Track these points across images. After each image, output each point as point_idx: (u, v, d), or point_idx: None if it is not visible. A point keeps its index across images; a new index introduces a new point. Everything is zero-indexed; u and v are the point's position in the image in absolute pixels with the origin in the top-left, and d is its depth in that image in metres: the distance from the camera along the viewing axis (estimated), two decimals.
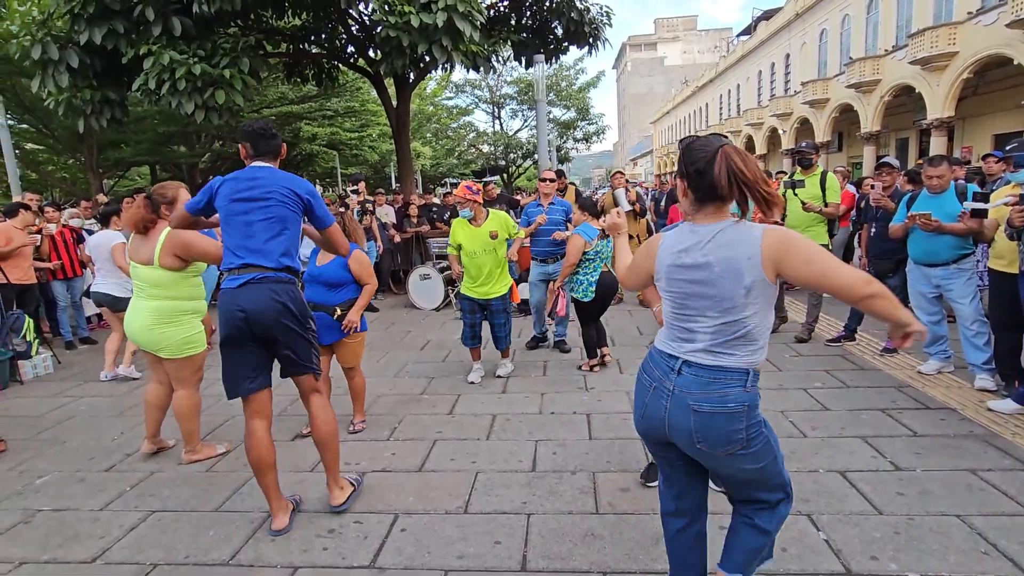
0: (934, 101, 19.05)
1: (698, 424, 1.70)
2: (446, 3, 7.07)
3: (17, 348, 5.37)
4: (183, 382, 3.42)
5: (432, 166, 30.93)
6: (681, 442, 1.77)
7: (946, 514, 2.60)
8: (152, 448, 3.60)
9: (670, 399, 1.74)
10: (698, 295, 1.69)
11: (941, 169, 4.16)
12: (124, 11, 7.53)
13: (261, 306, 2.54)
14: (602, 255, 4.73)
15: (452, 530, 2.67)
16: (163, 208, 3.36)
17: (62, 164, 20.87)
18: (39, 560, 2.57)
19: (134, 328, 3.37)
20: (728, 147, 1.63)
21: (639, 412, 1.86)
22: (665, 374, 1.77)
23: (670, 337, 1.81)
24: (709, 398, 1.69)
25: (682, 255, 1.71)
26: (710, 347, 1.70)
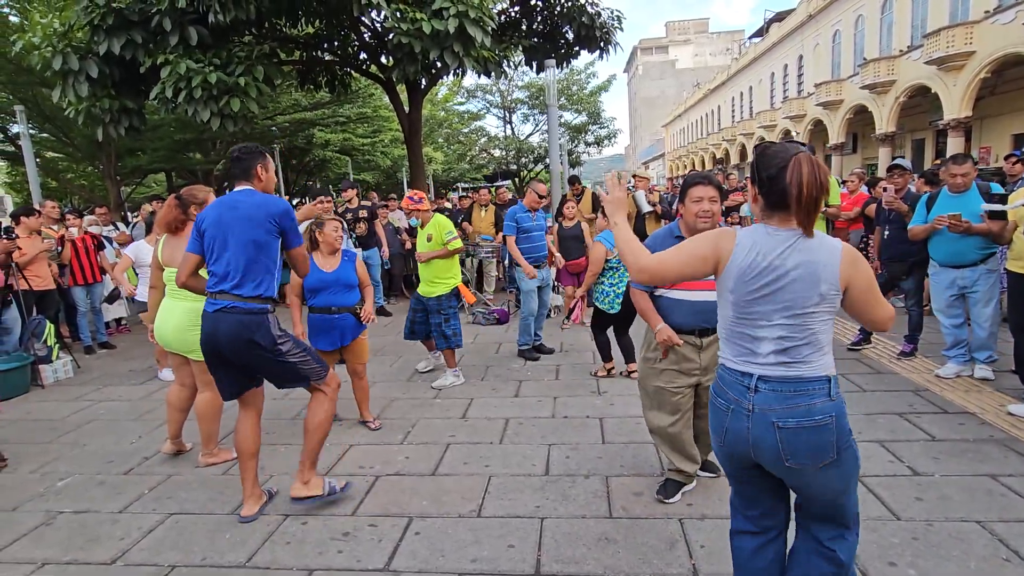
0: (951, 101, 18.81)
1: (785, 441, 1.61)
2: (457, 9, 7.11)
3: (38, 353, 5.46)
4: (208, 384, 3.42)
5: (444, 171, 31.08)
6: (768, 462, 1.68)
7: (966, 520, 2.57)
8: (173, 449, 3.67)
9: (751, 419, 1.65)
10: (767, 299, 1.62)
11: (966, 167, 4.10)
12: (142, 22, 7.68)
13: (232, 338, 2.64)
14: None
15: (466, 534, 2.68)
16: (192, 208, 3.39)
17: (81, 172, 21.29)
18: (61, 561, 2.62)
19: (166, 329, 3.41)
20: (803, 155, 1.57)
21: (719, 438, 1.76)
22: (741, 394, 1.68)
23: (735, 352, 1.71)
24: (794, 413, 1.60)
25: (759, 257, 1.61)
26: (781, 357, 1.63)
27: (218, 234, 2.65)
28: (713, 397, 1.78)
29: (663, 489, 2.88)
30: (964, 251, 4.10)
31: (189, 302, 3.35)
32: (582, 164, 32.32)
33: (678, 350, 2.75)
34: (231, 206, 2.66)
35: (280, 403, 4.63)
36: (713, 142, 44.62)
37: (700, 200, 2.64)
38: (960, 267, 4.16)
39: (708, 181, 2.67)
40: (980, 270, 4.10)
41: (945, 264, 4.25)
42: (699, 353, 2.76)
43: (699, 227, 2.62)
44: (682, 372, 2.78)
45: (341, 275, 3.74)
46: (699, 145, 49.14)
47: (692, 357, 2.76)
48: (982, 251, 4.08)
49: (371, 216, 7.94)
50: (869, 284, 1.62)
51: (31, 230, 5.81)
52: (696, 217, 2.64)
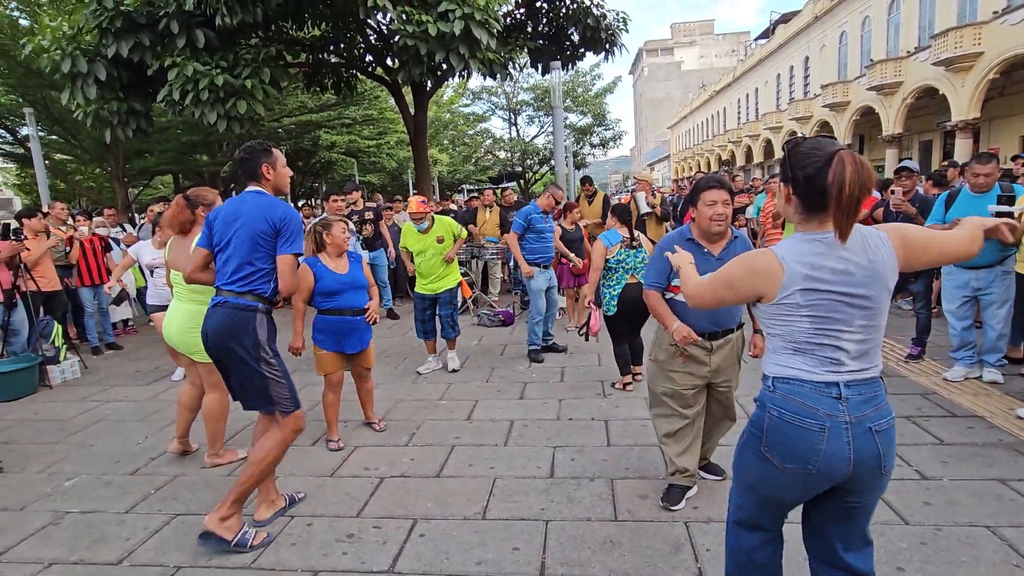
0: (959, 102, 18.70)
1: (884, 445, 1.54)
2: (463, 12, 7.12)
3: (46, 353, 5.50)
4: (216, 386, 3.45)
5: (449, 172, 31.13)
6: (865, 475, 1.55)
7: (975, 525, 2.54)
8: (179, 449, 3.69)
9: (850, 431, 1.52)
10: (846, 303, 1.52)
11: (990, 167, 4.05)
12: (150, 24, 7.72)
13: (217, 331, 2.64)
14: (625, 265, 4.43)
15: (470, 536, 2.67)
16: (200, 209, 3.39)
17: (89, 173, 21.43)
18: (68, 561, 2.63)
19: (171, 330, 3.44)
20: (845, 152, 1.47)
21: (805, 464, 1.55)
22: (831, 407, 1.53)
23: (814, 363, 1.56)
24: (880, 412, 1.56)
25: (821, 262, 1.51)
26: (861, 362, 1.56)
27: (225, 231, 2.68)
28: (795, 418, 1.56)
29: (667, 496, 2.84)
30: (981, 251, 4.06)
31: (191, 304, 3.37)
32: (587, 166, 32.31)
33: (690, 354, 2.74)
34: (238, 205, 2.70)
35: None
36: (719, 144, 44.52)
37: (714, 204, 2.61)
38: (976, 268, 4.13)
39: (721, 184, 2.64)
40: (996, 271, 4.08)
41: (961, 265, 4.20)
42: (709, 356, 2.75)
43: (712, 230, 2.63)
44: (692, 374, 2.77)
45: (356, 277, 3.75)
46: (705, 147, 49.04)
47: (703, 360, 2.75)
48: (1000, 252, 4.05)
49: (376, 217, 7.96)
50: (925, 244, 1.57)
51: (35, 231, 5.84)
52: (710, 220, 2.62)
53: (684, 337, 2.65)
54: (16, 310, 5.58)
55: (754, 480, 1.69)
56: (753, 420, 1.68)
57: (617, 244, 4.41)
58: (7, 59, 12.51)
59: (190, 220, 3.39)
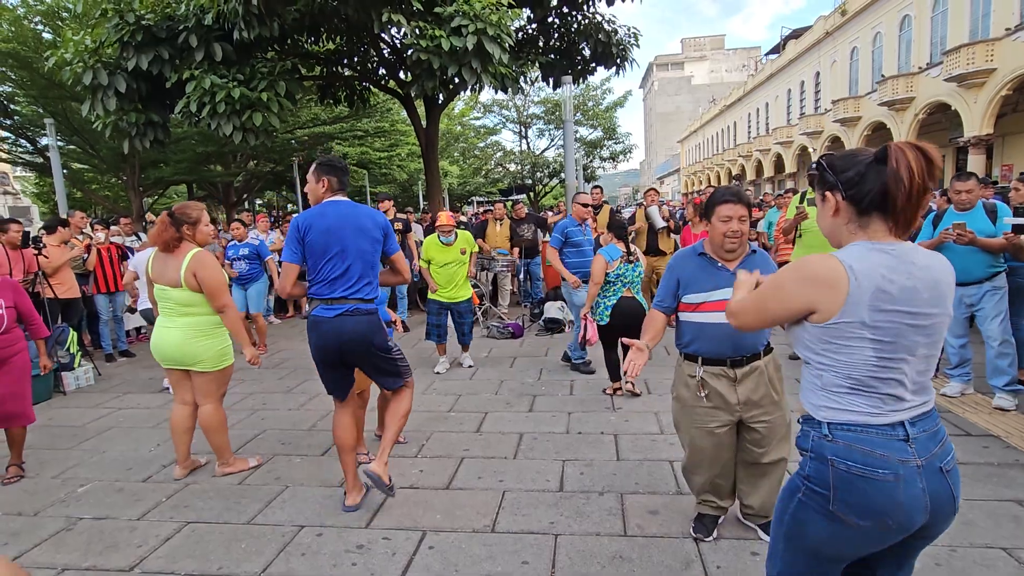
0: (971, 119, 18.61)
1: (955, 485, 1.38)
2: (476, 27, 7.21)
3: (61, 360, 5.56)
4: (210, 396, 3.47)
5: (459, 185, 31.29)
6: (940, 520, 1.39)
7: (991, 546, 2.51)
8: (184, 473, 3.57)
9: (923, 476, 1.34)
10: (912, 329, 1.33)
11: (969, 184, 4.10)
12: (169, 38, 7.91)
13: (358, 339, 2.85)
14: (624, 279, 4.62)
15: (480, 549, 2.67)
16: (185, 227, 3.36)
17: (105, 183, 21.75)
18: (80, 567, 2.65)
19: (165, 346, 3.39)
20: (900, 143, 1.31)
21: (888, 520, 1.34)
22: (900, 452, 1.34)
23: (874, 403, 1.36)
24: (946, 449, 1.39)
25: (893, 276, 1.31)
26: (921, 396, 1.39)
27: (331, 241, 2.78)
28: (865, 470, 1.34)
29: (700, 526, 2.66)
30: (970, 268, 4.07)
31: (189, 318, 3.37)
32: (597, 179, 32.38)
33: (711, 387, 2.47)
34: (346, 216, 2.82)
35: (296, 414, 4.67)
36: (729, 158, 44.49)
37: (728, 220, 2.40)
38: (966, 284, 4.12)
39: (738, 199, 2.42)
40: (985, 287, 4.07)
41: None
42: (734, 387, 2.45)
43: (726, 248, 2.44)
44: (720, 409, 2.48)
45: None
46: (715, 161, 49.02)
47: (727, 393, 2.45)
48: (988, 268, 4.05)
49: (405, 230, 8.05)
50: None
51: (62, 240, 6.03)
52: (724, 238, 2.41)
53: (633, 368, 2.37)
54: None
55: (818, 542, 1.45)
56: (810, 475, 1.43)
57: (617, 259, 4.59)
58: (30, 71, 12.81)
59: (175, 238, 3.33)
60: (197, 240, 3.42)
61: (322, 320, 2.83)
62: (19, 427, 3.67)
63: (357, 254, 2.81)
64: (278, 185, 26.68)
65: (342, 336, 2.82)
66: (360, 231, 2.82)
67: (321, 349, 2.89)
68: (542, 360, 6.03)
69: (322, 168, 2.90)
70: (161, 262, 3.36)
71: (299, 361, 6.35)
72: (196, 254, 3.32)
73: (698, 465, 2.64)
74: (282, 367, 6.16)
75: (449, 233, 5.50)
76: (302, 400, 5.01)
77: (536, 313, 7.85)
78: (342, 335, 2.82)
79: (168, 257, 3.34)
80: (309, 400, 4.98)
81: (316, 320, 2.86)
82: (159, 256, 3.38)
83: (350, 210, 2.84)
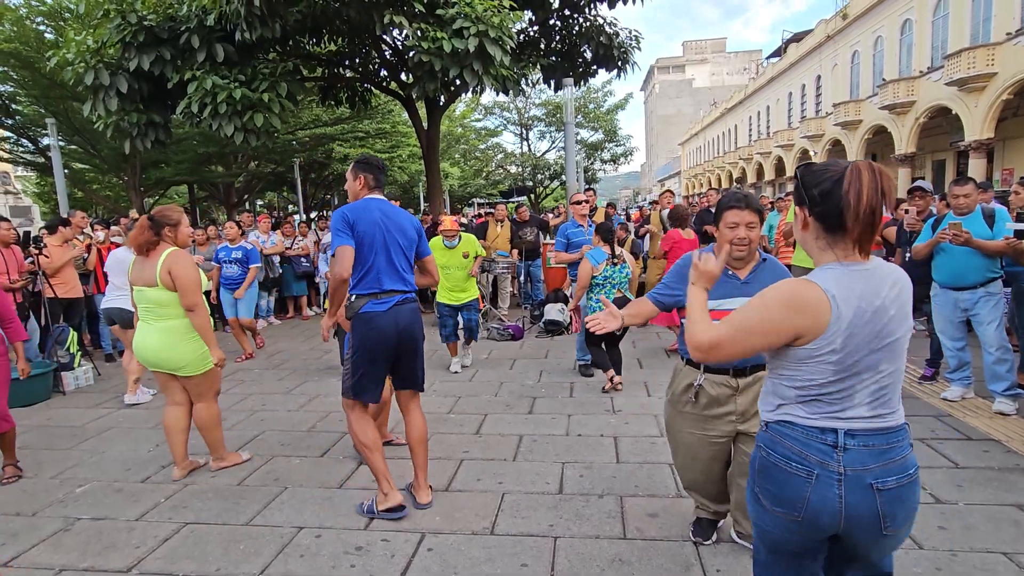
0: (972, 122, 18.62)
1: (886, 506, 1.36)
2: (478, 29, 7.23)
3: (61, 360, 5.57)
4: (203, 396, 3.51)
5: (460, 186, 31.32)
6: (860, 533, 1.40)
7: (991, 551, 2.50)
8: (183, 474, 3.55)
9: (843, 484, 1.36)
10: (874, 348, 1.35)
11: (967, 188, 4.10)
12: (171, 39, 7.92)
13: (410, 327, 2.95)
14: (612, 280, 4.77)
15: (479, 551, 2.66)
16: (166, 230, 3.36)
17: (107, 183, 21.79)
18: (78, 568, 2.65)
19: (147, 352, 3.39)
20: (861, 162, 1.33)
21: (792, 511, 1.40)
22: (822, 455, 1.37)
23: (813, 410, 1.40)
24: (890, 469, 1.37)
25: (866, 298, 1.34)
26: (877, 409, 1.39)
27: (378, 234, 2.85)
28: (781, 461, 1.42)
29: (698, 530, 2.63)
30: (965, 273, 4.07)
31: (167, 321, 3.36)
32: (598, 181, 32.42)
33: (711, 394, 2.37)
34: (387, 213, 2.92)
35: (296, 415, 4.66)
36: (730, 161, 44.51)
37: (735, 226, 2.26)
38: (961, 289, 4.12)
39: (746, 204, 2.27)
40: (980, 292, 4.06)
41: (946, 286, 4.23)
42: (735, 398, 2.37)
43: (734, 255, 2.30)
44: (715, 418, 2.40)
45: None
46: (716, 164, 49.04)
47: (726, 402, 2.38)
48: (984, 274, 4.04)
49: None
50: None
51: (63, 239, 6.04)
52: (731, 245, 2.27)
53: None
54: (29, 318, 5.68)
55: (755, 523, 1.55)
56: (751, 458, 1.56)
57: (603, 262, 4.71)
58: (32, 71, 12.84)
59: (153, 241, 3.33)
60: (178, 242, 3.42)
61: (376, 314, 2.86)
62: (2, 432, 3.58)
63: (400, 249, 2.92)
64: (279, 186, 26.71)
65: (399, 325, 2.88)
66: (400, 229, 2.93)
67: (378, 343, 2.87)
68: (542, 362, 6.03)
69: (359, 166, 3.00)
70: (140, 264, 3.37)
71: (299, 362, 6.35)
72: (172, 251, 3.33)
73: (686, 469, 2.61)
74: (282, 368, 6.16)
75: (453, 237, 5.58)
76: (302, 401, 5.00)
77: (536, 315, 7.84)
78: (399, 324, 2.88)
79: (145, 260, 3.34)
80: (309, 401, 4.97)
81: (369, 315, 2.86)
82: (138, 260, 3.38)
83: (391, 208, 2.96)
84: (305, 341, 7.48)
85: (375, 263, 2.86)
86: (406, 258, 2.97)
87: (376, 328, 2.86)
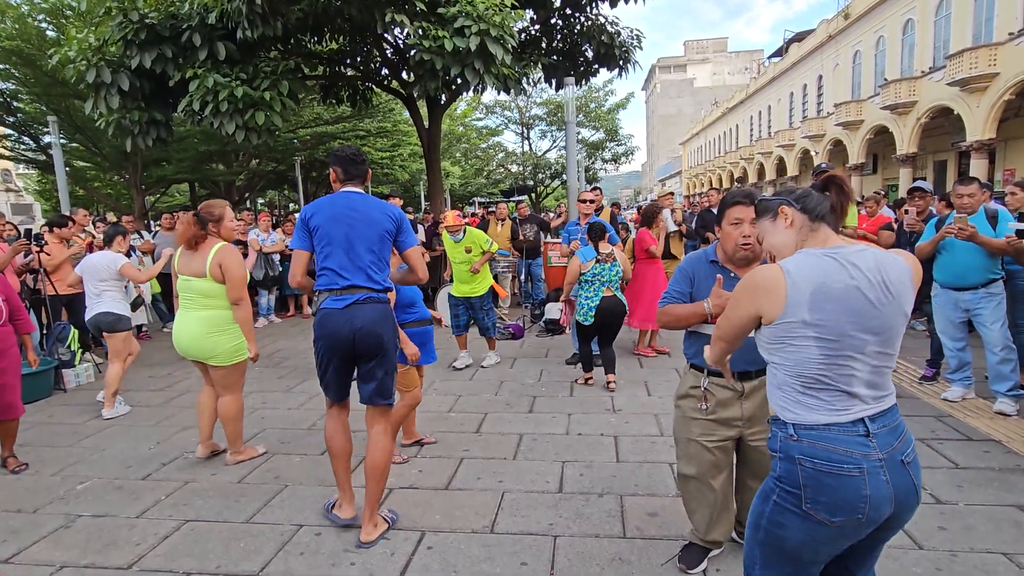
0: (974, 123, 18.60)
1: (916, 475, 1.46)
2: (479, 28, 7.22)
3: (62, 357, 5.57)
4: (229, 388, 3.62)
5: (461, 185, 31.34)
6: (905, 510, 1.47)
7: (991, 552, 2.50)
8: (206, 452, 3.74)
9: (886, 469, 1.41)
10: (856, 327, 1.40)
11: (972, 188, 4.09)
12: (173, 37, 7.93)
13: (369, 328, 2.68)
14: (601, 278, 4.84)
15: (478, 550, 2.66)
16: (210, 225, 3.53)
17: (108, 181, 21.80)
18: (79, 565, 2.65)
19: (184, 339, 3.54)
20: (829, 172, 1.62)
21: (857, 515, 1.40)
22: (862, 447, 1.41)
23: (829, 406, 1.44)
24: (906, 442, 1.47)
25: (832, 277, 1.41)
26: (876, 391, 1.46)
27: (337, 229, 2.70)
28: (830, 466, 1.41)
29: (686, 556, 2.47)
30: (966, 274, 4.07)
31: (207, 311, 3.50)
32: (599, 180, 32.41)
33: (716, 396, 2.34)
34: (355, 205, 2.74)
35: (296, 413, 4.67)
36: (731, 160, 44.49)
37: (739, 223, 2.23)
38: (962, 289, 4.12)
39: (750, 200, 2.21)
40: (981, 293, 4.06)
41: (947, 286, 4.23)
42: (740, 402, 2.32)
43: (738, 256, 2.27)
44: (720, 423, 2.34)
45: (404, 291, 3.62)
46: (717, 163, 49.02)
47: (732, 405, 2.32)
48: (985, 274, 4.03)
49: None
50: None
51: (62, 238, 6.04)
52: (736, 245, 2.25)
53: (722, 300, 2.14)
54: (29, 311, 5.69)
55: (796, 544, 1.47)
56: (781, 476, 1.49)
57: (591, 260, 4.81)
58: (33, 69, 12.85)
59: (200, 235, 3.50)
60: (222, 235, 3.58)
61: (332, 312, 2.69)
62: (12, 418, 3.73)
63: (366, 244, 2.71)
64: (280, 184, 26.73)
65: (354, 325, 2.66)
66: (370, 222, 2.73)
67: (331, 342, 2.70)
68: (542, 361, 6.03)
69: (330, 159, 2.91)
70: (187, 256, 3.54)
71: (299, 360, 6.35)
72: (223, 246, 3.50)
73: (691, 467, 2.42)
74: (282, 366, 6.16)
75: (456, 232, 5.67)
76: (302, 399, 5.00)
77: (537, 314, 7.85)
78: (354, 324, 2.66)
79: (192, 253, 3.52)
80: (309, 399, 4.98)
81: (326, 313, 2.71)
82: (184, 251, 3.56)
83: (360, 201, 2.77)
84: (305, 339, 7.48)
85: (333, 257, 2.71)
86: (374, 253, 2.73)
87: (327, 327, 2.70)
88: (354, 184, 2.84)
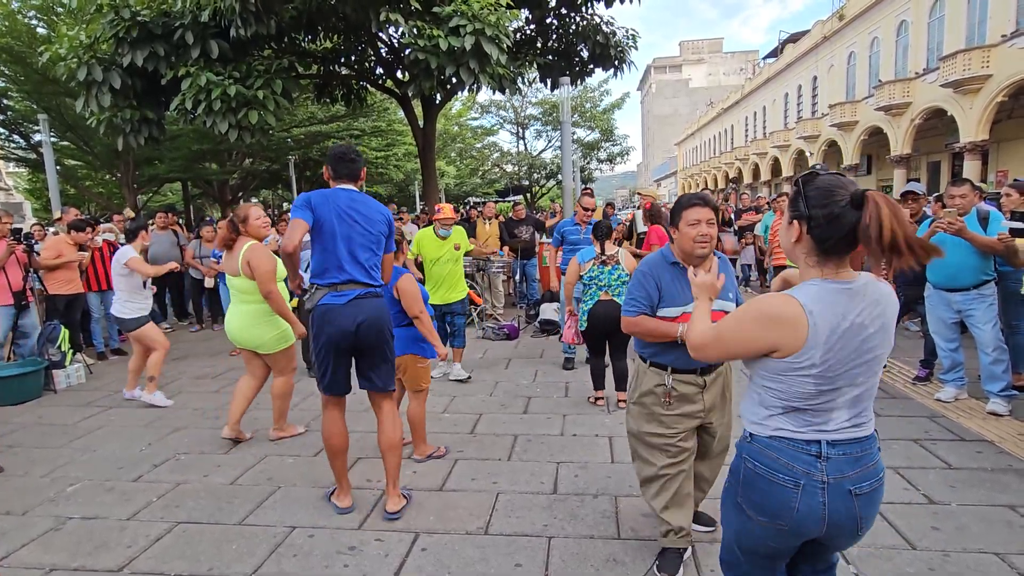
0: (967, 124, 18.72)
1: (863, 508, 1.45)
2: (474, 27, 7.21)
3: (52, 358, 5.52)
4: (281, 371, 4.03)
5: (456, 185, 31.31)
6: (840, 536, 1.49)
7: (984, 552, 2.51)
8: (231, 434, 3.96)
9: (826, 492, 1.42)
10: (854, 363, 1.40)
11: (964, 189, 4.11)
12: (165, 35, 7.88)
13: (372, 321, 2.81)
14: (598, 281, 4.46)
15: (473, 551, 2.65)
16: (241, 226, 3.88)
17: (99, 180, 21.65)
18: (69, 567, 2.62)
19: (232, 329, 3.95)
20: (876, 194, 1.31)
21: (780, 520, 1.46)
22: (807, 465, 1.43)
23: (799, 424, 1.45)
24: (865, 475, 1.45)
25: (847, 317, 1.38)
26: (854, 420, 1.45)
27: (341, 223, 2.76)
28: (768, 472, 1.47)
29: (663, 564, 2.44)
30: (958, 275, 4.08)
31: (248, 306, 3.87)
32: (594, 181, 32.47)
33: (680, 393, 2.38)
34: (356, 202, 2.82)
35: (290, 414, 4.62)
36: (726, 161, 44.63)
37: (697, 223, 2.33)
38: (954, 291, 4.14)
39: (704, 202, 2.37)
40: (972, 294, 4.08)
41: (940, 287, 4.25)
42: (702, 394, 2.40)
43: (696, 253, 2.34)
44: (684, 416, 2.41)
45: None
46: (712, 164, 49.17)
47: (695, 399, 2.40)
48: (978, 275, 4.05)
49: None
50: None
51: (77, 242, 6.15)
52: (694, 243, 2.33)
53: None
54: (28, 313, 5.64)
55: (735, 530, 1.60)
56: (732, 467, 1.59)
57: (590, 261, 4.50)
58: (24, 66, 12.75)
59: (232, 238, 3.87)
60: (250, 234, 3.89)
61: (334, 307, 2.74)
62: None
63: (365, 241, 2.80)
64: (274, 184, 26.61)
65: (358, 319, 2.75)
66: (369, 221, 2.82)
67: (335, 337, 2.76)
68: (537, 362, 6.02)
69: (325, 158, 2.97)
70: (227, 257, 3.93)
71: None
72: (251, 245, 3.79)
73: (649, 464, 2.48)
74: None
75: (448, 227, 5.39)
76: (295, 400, 4.96)
77: (532, 315, 7.84)
78: (358, 318, 2.75)
79: (230, 253, 3.89)
80: (302, 400, 4.95)
81: (327, 308, 2.74)
82: (226, 253, 3.95)
83: (360, 198, 2.85)
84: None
85: (336, 252, 2.74)
86: (372, 252, 2.83)
87: (332, 322, 2.75)
88: (346, 182, 2.87)
